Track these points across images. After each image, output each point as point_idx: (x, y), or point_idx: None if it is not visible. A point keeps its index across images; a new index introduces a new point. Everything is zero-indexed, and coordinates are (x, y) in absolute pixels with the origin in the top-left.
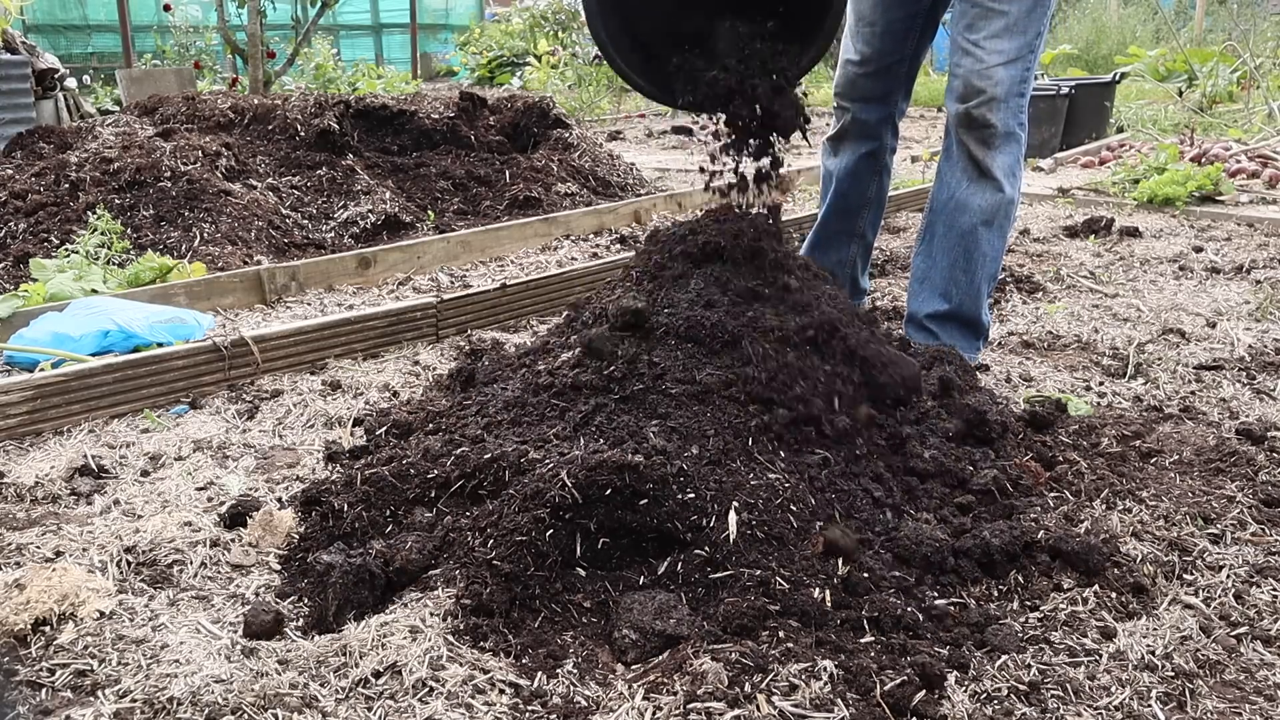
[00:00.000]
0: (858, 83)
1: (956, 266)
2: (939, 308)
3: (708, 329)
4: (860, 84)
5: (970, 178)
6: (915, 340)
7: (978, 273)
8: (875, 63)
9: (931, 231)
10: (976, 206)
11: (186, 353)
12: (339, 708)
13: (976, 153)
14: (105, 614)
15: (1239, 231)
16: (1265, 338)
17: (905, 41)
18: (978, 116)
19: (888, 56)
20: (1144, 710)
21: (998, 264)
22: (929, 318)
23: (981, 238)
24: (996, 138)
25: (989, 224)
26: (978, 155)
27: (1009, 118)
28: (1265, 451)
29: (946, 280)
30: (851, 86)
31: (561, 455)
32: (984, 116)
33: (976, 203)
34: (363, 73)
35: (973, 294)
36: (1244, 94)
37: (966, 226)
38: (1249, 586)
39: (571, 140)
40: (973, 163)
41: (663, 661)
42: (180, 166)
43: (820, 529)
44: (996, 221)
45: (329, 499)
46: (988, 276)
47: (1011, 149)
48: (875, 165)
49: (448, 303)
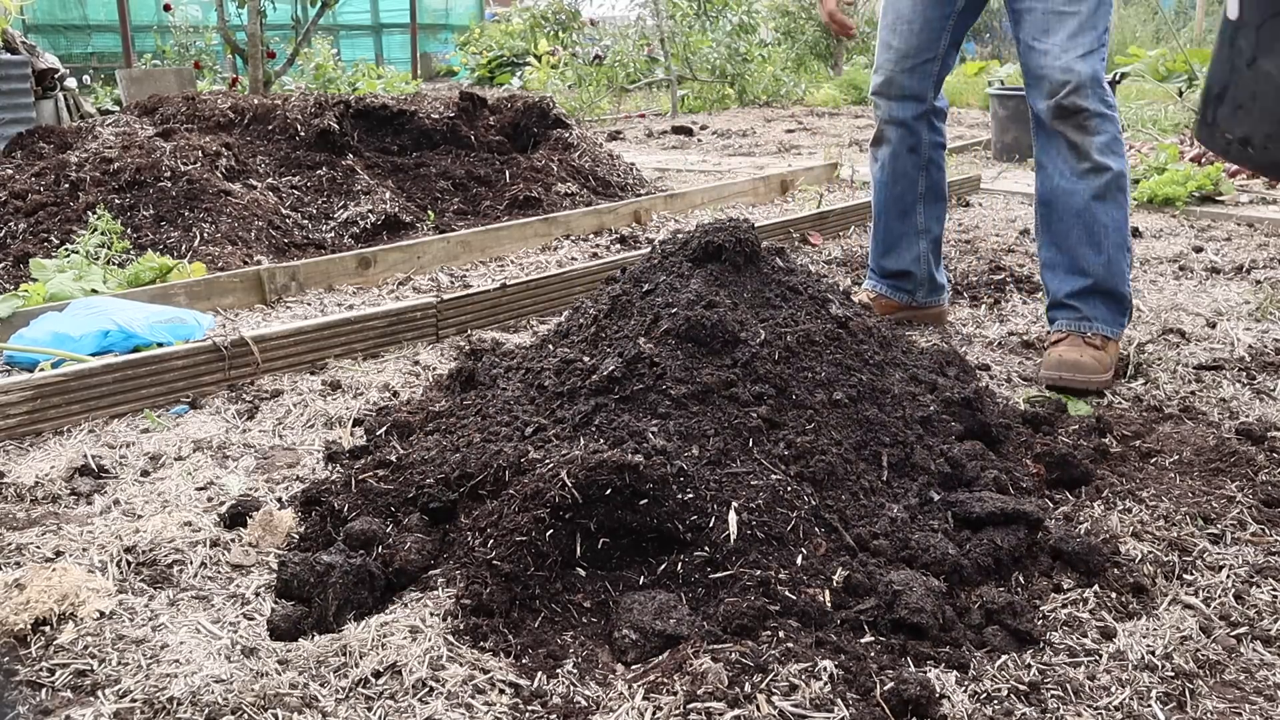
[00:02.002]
0: (894, 80)
1: (1081, 244)
2: (1078, 284)
3: (708, 329)
4: (897, 80)
5: (1071, 166)
6: (1059, 321)
7: (1104, 244)
8: (912, 59)
9: (1046, 222)
10: (1083, 189)
11: (186, 353)
12: (339, 708)
13: (1075, 138)
14: (105, 614)
15: (1239, 232)
16: (1265, 338)
17: (940, 40)
18: (1069, 105)
19: (923, 53)
20: (1144, 710)
21: (1124, 233)
22: (1069, 295)
23: (1097, 211)
24: (1091, 119)
25: (1101, 198)
26: (1076, 140)
27: (1096, 101)
28: (1265, 451)
29: (1074, 259)
30: (888, 85)
31: (561, 455)
32: (1075, 103)
33: (1082, 186)
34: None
35: (1106, 265)
36: None
37: (1079, 206)
38: (1249, 586)
39: (571, 140)
40: (1073, 150)
41: (663, 661)
42: (180, 166)
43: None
44: (1109, 194)
45: (329, 499)
46: (1116, 246)
47: (1107, 127)
48: (919, 160)
49: (448, 303)
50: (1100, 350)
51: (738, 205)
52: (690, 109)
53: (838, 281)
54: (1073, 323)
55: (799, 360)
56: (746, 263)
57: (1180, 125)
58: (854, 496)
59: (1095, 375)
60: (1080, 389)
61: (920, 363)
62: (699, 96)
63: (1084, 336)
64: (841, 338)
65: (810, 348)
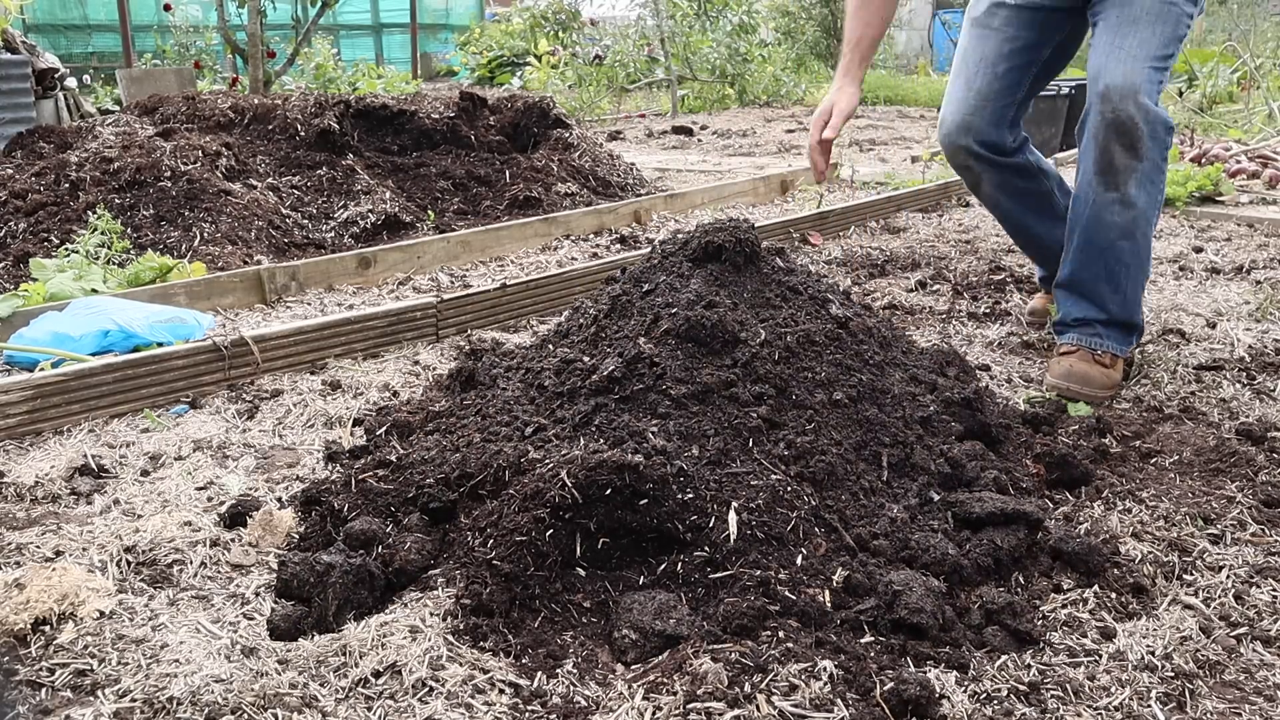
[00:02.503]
0: (972, 125)
1: (1099, 280)
2: (1091, 315)
3: (708, 329)
4: (975, 125)
5: (1098, 192)
6: (1070, 335)
7: (1124, 284)
8: (993, 102)
9: (1072, 238)
10: (1109, 222)
11: (186, 352)
12: (339, 707)
13: (1117, 158)
14: (105, 614)
15: (1239, 232)
16: (1265, 338)
17: (1022, 85)
18: (1123, 113)
19: (1004, 97)
20: (1144, 710)
21: (1145, 267)
22: (1077, 322)
23: (1122, 251)
24: (1141, 140)
25: (1128, 236)
26: (1117, 162)
27: (1145, 118)
28: (1265, 452)
29: (1091, 292)
30: (965, 130)
31: (561, 455)
32: (1128, 113)
33: (1108, 217)
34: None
35: (1123, 303)
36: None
37: (1103, 243)
38: (1249, 587)
39: (571, 140)
40: (1109, 172)
41: (663, 661)
42: (180, 166)
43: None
44: (1136, 231)
45: (329, 499)
46: (1135, 283)
47: (1153, 153)
48: (1025, 171)
49: (448, 303)
50: (1109, 368)
51: (738, 205)
52: (690, 109)
53: (838, 281)
54: (1084, 338)
55: (799, 360)
56: (746, 263)
57: (1181, 126)
58: (854, 496)
59: (1102, 390)
60: (1086, 400)
61: (920, 363)
62: (699, 96)
63: (1094, 354)
64: (841, 338)
65: (810, 348)
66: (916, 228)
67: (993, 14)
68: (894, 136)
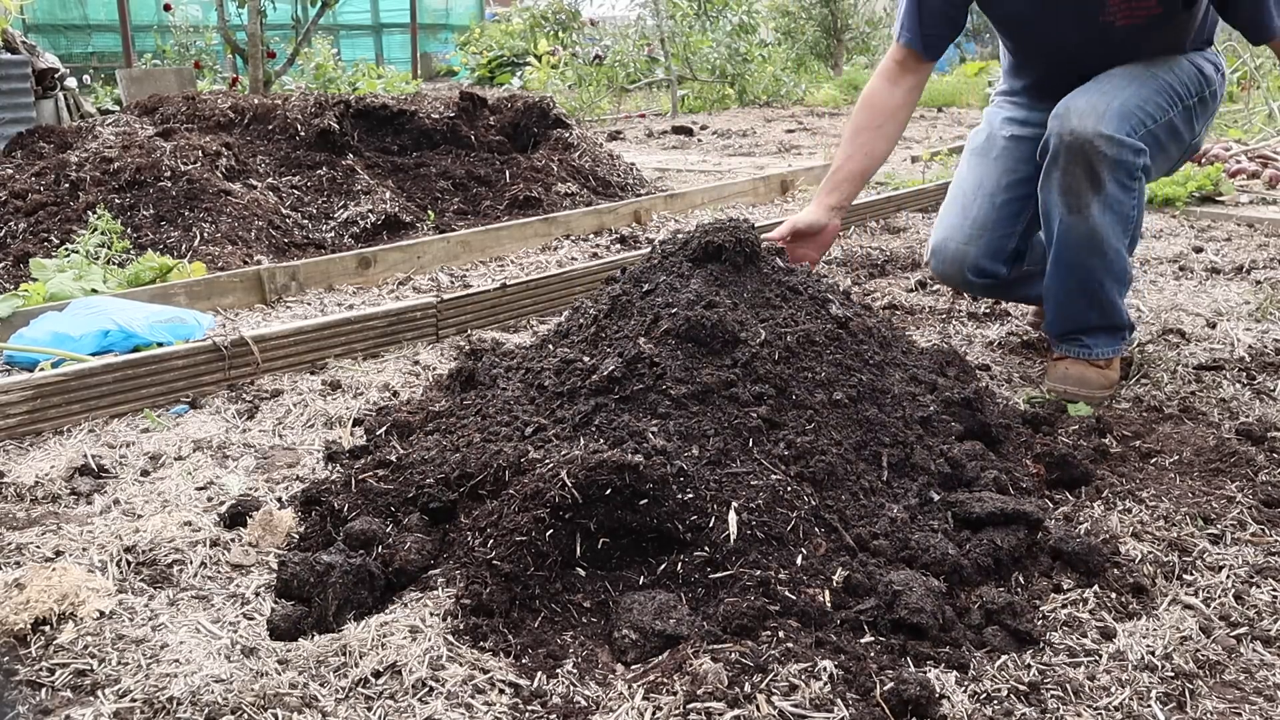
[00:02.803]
0: (966, 254)
1: (1076, 295)
2: (1072, 327)
3: (708, 329)
4: (969, 256)
5: (1069, 207)
6: (1062, 348)
7: (1102, 301)
8: (990, 233)
9: (1048, 252)
10: (1078, 242)
11: (186, 352)
12: (339, 708)
13: (1077, 184)
14: (105, 614)
15: (1239, 232)
16: (1265, 338)
17: (1020, 218)
18: (1082, 143)
19: (1002, 228)
20: (1144, 710)
21: (1118, 278)
22: (1063, 335)
23: (1095, 268)
24: (1102, 167)
25: (1098, 254)
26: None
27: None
28: (1265, 451)
29: (1071, 310)
30: (961, 258)
31: (561, 455)
32: (1092, 144)
33: (1077, 238)
34: (363, 73)
35: (1101, 311)
36: (1244, 94)
37: (1073, 260)
38: (1249, 587)
39: (571, 140)
40: (1070, 191)
41: (663, 661)
42: (180, 166)
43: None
44: (1107, 247)
45: (329, 499)
46: (1111, 292)
47: (1116, 177)
48: (1025, 280)
49: (448, 303)
50: (1105, 369)
51: (738, 205)
52: (690, 109)
53: (838, 281)
54: (1073, 349)
55: (799, 360)
56: (746, 263)
57: None
58: (854, 496)
59: (1100, 390)
60: (1086, 400)
61: (920, 363)
62: (699, 96)
63: (1089, 360)
64: (841, 338)
65: (810, 347)
66: (916, 228)
67: (991, 144)
68: None
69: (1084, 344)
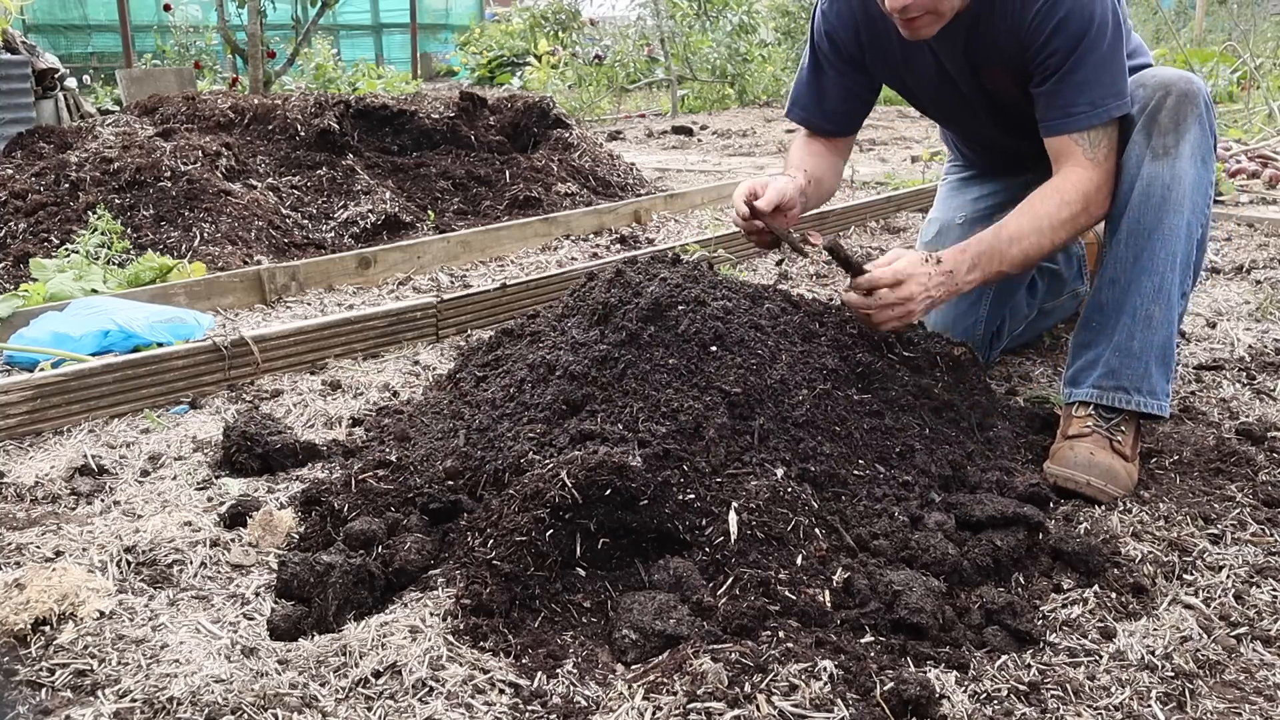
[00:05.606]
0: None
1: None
2: (1128, 377)
3: (709, 329)
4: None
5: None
6: (1103, 415)
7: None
8: (954, 327)
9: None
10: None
11: (186, 353)
12: (339, 708)
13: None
14: (105, 614)
15: (1239, 232)
16: (1265, 338)
17: (979, 307)
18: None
19: (961, 321)
20: (1144, 710)
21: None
22: (1118, 386)
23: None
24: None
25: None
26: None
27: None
28: (1265, 451)
29: (1134, 342)
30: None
31: (562, 455)
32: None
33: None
34: (363, 73)
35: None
36: (1244, 94)
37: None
38: (1249, 586)
39: (571, 140)
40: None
41: (663, 661)
42: (180, 166)
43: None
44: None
45: (329, 499)
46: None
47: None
48: (995, 355)
49: (448, 303)
50: (1130, 460)
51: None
52: (690, 109)
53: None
54: (1123, 400)
55: (799, 360)
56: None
57: None
58: (854, 497)
59: (1123, 492)
60: (1103, 502)
61: (920, 363)
62: (699, 96)
63: (1113, 443)
64: (840, 338)
65: (811, 347)
66: (916, 228)
67: (944, 235)
68: (894, 136)
69: (1150, 392)
